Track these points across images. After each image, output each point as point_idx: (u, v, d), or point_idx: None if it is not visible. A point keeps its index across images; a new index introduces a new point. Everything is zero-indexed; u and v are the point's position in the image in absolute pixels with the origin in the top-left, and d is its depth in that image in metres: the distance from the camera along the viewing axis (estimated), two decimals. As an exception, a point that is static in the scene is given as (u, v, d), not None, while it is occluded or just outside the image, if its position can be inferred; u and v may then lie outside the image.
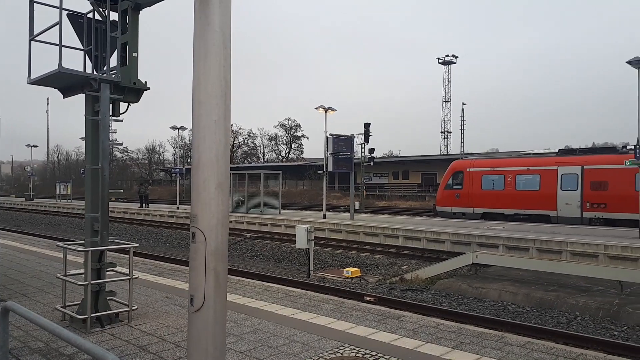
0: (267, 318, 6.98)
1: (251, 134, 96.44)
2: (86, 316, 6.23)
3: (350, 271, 14.60)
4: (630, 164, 17.53)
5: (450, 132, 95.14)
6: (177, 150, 73.38)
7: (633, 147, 18.20)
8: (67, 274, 6.80)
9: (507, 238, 16.36)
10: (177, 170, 42.69)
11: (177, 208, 35.04)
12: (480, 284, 11.90)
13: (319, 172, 28.65)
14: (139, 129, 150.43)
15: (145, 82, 6.74)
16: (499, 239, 16.49)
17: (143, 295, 8.30)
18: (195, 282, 2.29)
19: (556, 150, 25.36)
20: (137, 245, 7.22)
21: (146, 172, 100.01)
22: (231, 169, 51.71)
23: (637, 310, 9.30)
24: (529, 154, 26.91)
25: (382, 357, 5.38)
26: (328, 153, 23.90)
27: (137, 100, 6.82)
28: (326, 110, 25.73)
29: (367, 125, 42.14)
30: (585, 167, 22.04)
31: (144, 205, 36.89)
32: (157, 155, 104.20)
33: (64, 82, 6.59)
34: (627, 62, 16.90)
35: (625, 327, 8.85)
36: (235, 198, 30.74)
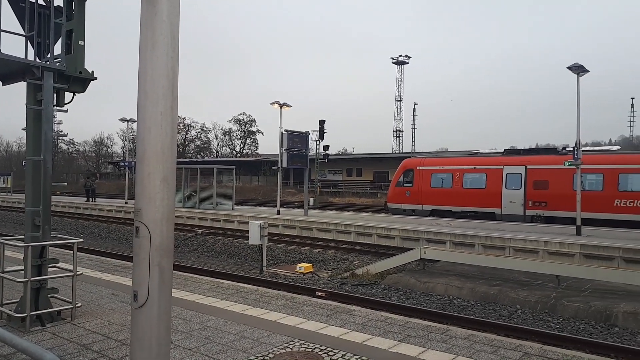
0: (217, 315, 6.91)
1: (204, 128, 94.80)
2: (25, 314, 5.95)
3: (303, 267, 14.66)
4: (568, 165, 18.46)
5: (402, 131, 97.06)
6: (126, 143, 70.92)
7: (572, 149, 19.19)
8: (5, 270, 6.47)
9: (454, 234, 16.90)
10: (126, 163, 41.27)
11: (126, 203, 33.96)
12: (428, 278, 12.25)
13: (273, 167, 28.50)
14: (87, 120, 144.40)
15: (92, 71, 6.49)
16: (446, 235, 17.00)
17: (88, 293, 8.02)
18: (139, 277, 2.24)
19: (502, 151, 26.34)
20: (82, 240, 6.96)
21: (93, 166, 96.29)
22: (183, 163, 50.59)
23: (572, 303, 9.85)
24: (477, 153, 27.84)
25: (331, 351, 5.45)
26: (283, 149, 23.83)
27: (84, 90, 6.56)
28: (281, 106, 25.63)
29: (322, 122, 42.30)
30: (528, 167, 23.06)
31: (90, 199, 35.57)
32: (105, 148, 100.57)
33: (3, 68, 6.25)
34: (567, 67, 17.77)
35: (561, 319, 9.35)
36: (187, 193, 30.12)
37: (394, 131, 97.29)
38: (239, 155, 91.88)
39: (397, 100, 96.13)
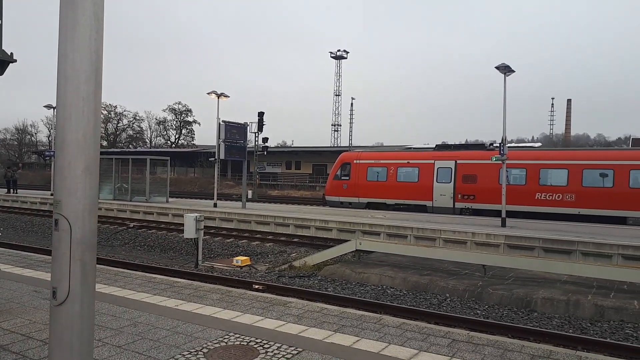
0: (149, 310, 6.69)
1: (137, 117, 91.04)
2: None
3: (240, 260, 14.50)
4: (495, 160, 19.45)
5: (340, 125, 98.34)
6: (52, 131, 66.87)
7: (498, 145, 20.22)
8: None
9: (388, 226, 17.35)
10: (51, 153, 38.88)
11: (52, 194, 32.00)
12: (363, 269, 12.52)
13: (210, 159, 27.90)
14: (7, 106, 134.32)
15: (12, 53, 6.02)
16: (381, 227, 17.43)
17: (7, 290, 7.51)
18: (59, 273, 2.09)
19: (434, 146, 27.26)
20: (1, 234, 6.49)
21: (15, 155, 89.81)
22: (114, 153, 48.46)
23: (496, 290, 10.43)
24: (410, 148, 28.68)
25: (266, 343, 5.44)
26: (220, 140, 23.36)
27: (1, 74, 6.08)
28: (219, 96, 25.08)
29: (260, 114, 41.99)
30: (458, 161, 24.06)
31: (12, 190, 33.19)
32: (28, 137, 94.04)
33: None
34: (495, 67, 18.67)
35: (487, 306, 9.88)
36: (118, 185, 28.84)
37: (332, 125, 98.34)
38: (174, 146, 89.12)
39: (336, 95, 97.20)
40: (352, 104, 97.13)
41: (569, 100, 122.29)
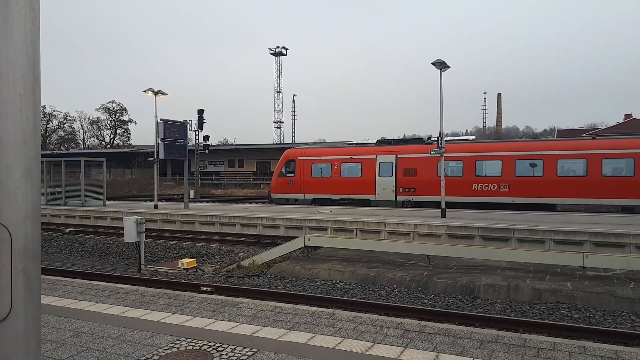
0: (92, 319, 6.35)
1: (68, 117, 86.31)
2: None
3: (186, 262, 14.10)
4: (433, 153, 20.10)
5: (283, 122, 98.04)
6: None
7: (436, 139, 20.88)
8: None
9: (334, 221, 17.49)
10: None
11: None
12: (312, 265, 12.54)
13: (149, 159, 26.91)
14: None
15: None
16: (327, 222, 17.54)
17: None
18: (-1, 287, 1.90)
19: (375, 141, 27.75)
20: None
21: None
22: (45, 156, 45.69)
23: (441, 279, 10.77)
24: (352, 144, 29.03)
25: (220, 346, 5.31)
26: (159, 139, 22.59)
27: None
28: (155, 93, 24.21)
29: (200, 112, 41.01)
30: (398, 156, 24.64)
31: None
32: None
33: None
34: (432, 63, 19.24)
35: (433, 295, 10.18)
36: (50, 189, 27.24)
37: (274, 122, 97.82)
38: (109, 146, 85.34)
39: (277, 92, 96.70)
40: (293, 100, 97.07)
41: (499, 95, 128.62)
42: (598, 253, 11.18)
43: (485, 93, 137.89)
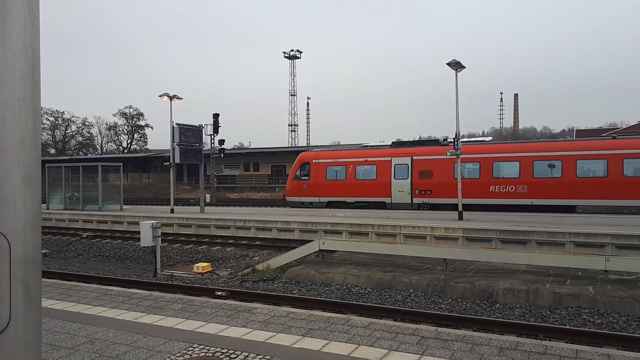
0: (106, 325, 6.34)
1: (87, 123, 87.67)
2: None
3: (201, 266, 14.11)
4: (450, 155, 19.85)
5: (297, 125, 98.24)
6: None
7: (452, 140, 20.63)
8: None
9: (349, 224, 17.37)
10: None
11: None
12: (327, 269, 12.43)
13: (165, 164, 27.12)
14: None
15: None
16: (342, 226, 17.42)
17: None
18: (-3, 297, 1.84)
19: (390, 143, 27.57)
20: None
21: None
22: (63, 161, 46.29)
23: (459, 284, 10.57)
24: (367, 146, 28.88)
25: (233, 353, 5.23)
26: (175, 144, 22.75)
27: None
28: (171, 98, 24.41)
29: (216, 116, 41.21)
30: (414, 157, 24.42)
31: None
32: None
33: None
34: (446, 63, 19.01)
35: (450, 300, 9.99)
36: (69, 194, 27.62)
37: (289, 125, 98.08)
38: (126, 151, 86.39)
39: (291, 95, 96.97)
40: (307, 103, 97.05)
41: (516, 95, 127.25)
42: (621, 256, 10.87)
43: (501, 93, 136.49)
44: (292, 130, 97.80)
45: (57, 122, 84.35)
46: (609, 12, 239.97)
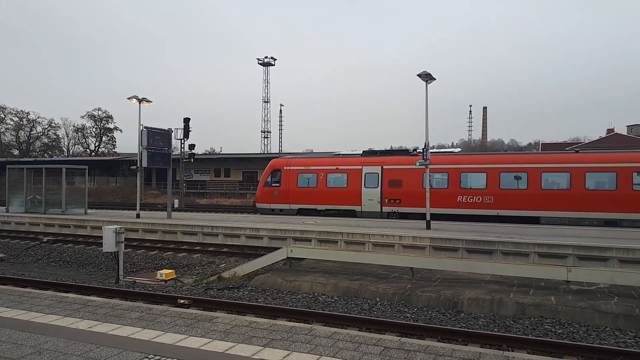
0: (57, 334, 6.05)
1: (53, 124, 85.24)
2: None
3: (165, 273, 13.76)
4: (419, 165, 20.03)
5: (270, 132, 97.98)
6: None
7: (421, 150, 20.82)
8: None
9: (318, 232, 17.28)
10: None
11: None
12: (294, 277, 12.30)
13: (132, 167, 26.52)
14: None
15: None
16: (311, 233, 17.32)
17: None
18: None
19: (361, 152, 27.69)
20: None
21: None
22: (26, 163, 44.90)
23: (425, 292, 10.60)
24: (339, 154, 28.94)
25: (189, 364, 5.06)
26: (142, 147, 22.25)
27: None
28: (140, 101, 23.90)
29: (186, 120, 40.68)
30: (384, 167, 24.58)
31: None
32: None
33: None
34: (417, 75, 19.21)
35: (416, 309, 9.99)
36: (31, 197, 26.68)
37: (261, 132, 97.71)
38: (93, 154, 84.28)
39: (264, 101, 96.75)
40: (281, 110, 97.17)
41: (484, 108, 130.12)
42: (582, 267, 11.13)
43: (470, 106, 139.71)
44: (264, 137, 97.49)
45: (21, 122, 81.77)
46: (577, 30, 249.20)
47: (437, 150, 28.62)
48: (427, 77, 19.08)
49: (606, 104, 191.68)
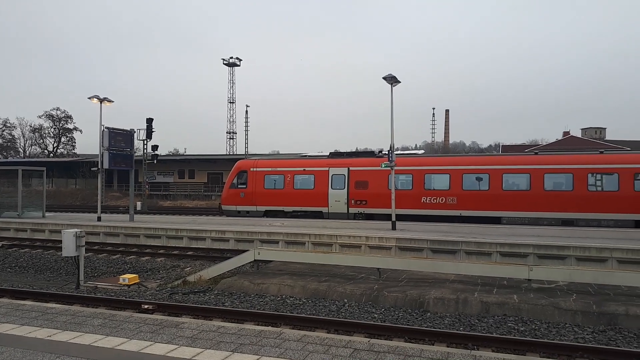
0: (14, 344, 5.79)
1: (8, 124, 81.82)
2: None
3: (128, 278, 13.38)
4: (384, 166, 20.25)
5: (236, 133, 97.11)
6: None
7: (387, 152, 21.06)
8: None
9: (286, 234, 17.21)
10: None
11: None
12: (262, 279, 12.19)
13: (93, 169, 25.74)
14: None
15: None
16: (279, 235, 17.24)
17: None
18: None
19: (327, 154, 27.76)
20: None
21: None
22: (-23, 164, 42.72)
23: (392, 293, 10.70)
24: (305, 156, 28.92)
25: (156, 372, 4.93)
26: (104, 148, 21.64)
27: None
28: (101, 101, 23.22)
29: (149, 121, 39.87)
30: (350, 168, 24.73)
31: None
32: None
33: None
34: (383, 77, 19.42)
35: (383, 309, 10.07)
36: (-17, 200, 25.50)
37: (227, 133, 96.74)
38: (52, 155, 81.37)
39: (230, 102, 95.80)
40: (247, 111, 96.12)
41: (447, 111, 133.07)
42: (542, 266, 11.47)
43: (434, 109, 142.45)
44: (230, 138, 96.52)
45: (-28, 121, 78.14)
46: (537, 35, 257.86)
47: (402, 152, 28.99)
48: (392, 80, 19.32)
49: (562, 108, 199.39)
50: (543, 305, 9.39)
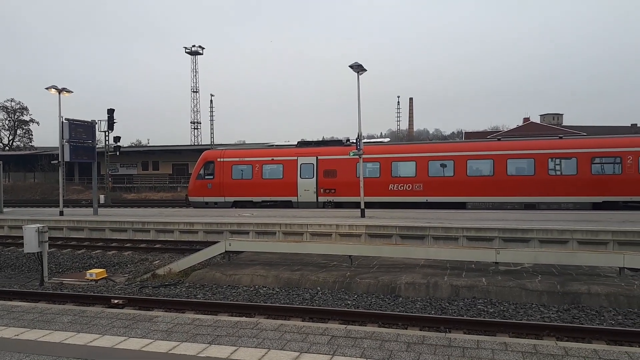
0: (-22, 346, 5.56)
1: (-44, 116, 77.70)
2: None
3: (95, 273, 13.03)
4: (352, 155, 20.37)
5: (200, 123, 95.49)
6: None
7: (355, 141, 21.17)
8: None
9: (256, 224, 17.12)
10: None
11: None
12: (234, 270, 12.11)
13: (53, 162, 24.84)
14: None
15: None
16: (249, 226, 17.13)
17: None
18: None
19: (295, 143, 27.68)
20: None
21: None
22: None
23: (364, 279, 10.82)
24: (273, 145, 28.76)
25: (132, 367, 4.84)
26: (64, 140, 20.89)
27: None
28: (60, 91, 22.36)
29: (110, 112, 38.76)
30: (319, 157, 24.77)
31: None
32: None
33: None
34: (349, 66, 19.42)
35: (356, 295, 10.18)
36: None
37: (191, 123, 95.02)
38: (7, 148, 78.03)
39: (193, 92, 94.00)
40: (211, 100, 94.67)
41: (411, 99, 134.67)
42: (509, 249, 11.82)
43: (399, 97, 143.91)
44: (194, 128, 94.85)
45: None
46: (501, 26, 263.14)
47: (368, 141, 29.18)
48: (358, 69, 19.34)
49: (521, 95, 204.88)
50: (510, 287, 9.69)
